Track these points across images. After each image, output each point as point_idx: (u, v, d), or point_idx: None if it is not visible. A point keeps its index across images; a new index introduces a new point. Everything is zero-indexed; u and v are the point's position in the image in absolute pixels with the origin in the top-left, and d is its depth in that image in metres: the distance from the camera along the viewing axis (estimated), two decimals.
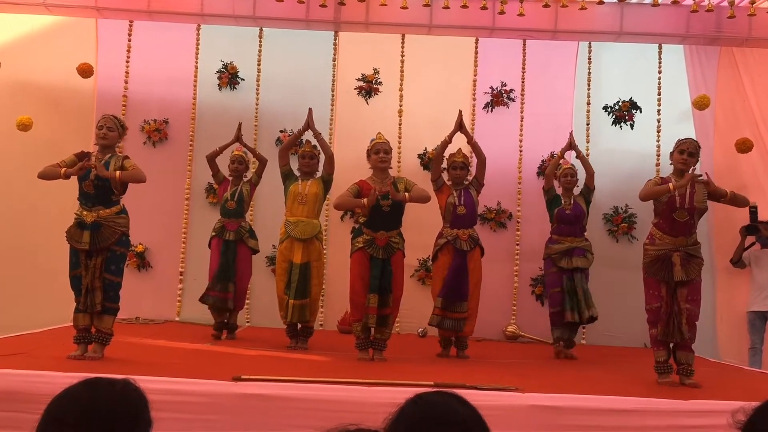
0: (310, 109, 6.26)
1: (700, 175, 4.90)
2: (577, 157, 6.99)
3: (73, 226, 4.84)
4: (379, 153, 5.67)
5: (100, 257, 4.77)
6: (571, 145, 6.97)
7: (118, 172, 4.82)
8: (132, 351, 5.29)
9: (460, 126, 6.33)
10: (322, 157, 6.28)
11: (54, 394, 1.62)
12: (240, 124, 6.91)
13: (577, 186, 6.88)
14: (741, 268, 7.37)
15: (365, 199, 5.41)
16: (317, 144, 6.30)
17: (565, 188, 6.79)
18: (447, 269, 6.08)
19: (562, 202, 6.69)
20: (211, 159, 6.80)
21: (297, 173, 6.31)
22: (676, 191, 4.80)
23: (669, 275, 4.81)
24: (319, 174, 6.35)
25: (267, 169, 6.79)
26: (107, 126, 4.97)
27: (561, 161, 6.97)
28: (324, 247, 6.67)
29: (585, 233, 6.82)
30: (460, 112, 6.42)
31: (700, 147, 5.03)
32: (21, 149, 7.79)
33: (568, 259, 6.57)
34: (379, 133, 5.88)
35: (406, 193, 5.51)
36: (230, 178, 6.81)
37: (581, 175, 6.88)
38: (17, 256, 7.82)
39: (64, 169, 4.80)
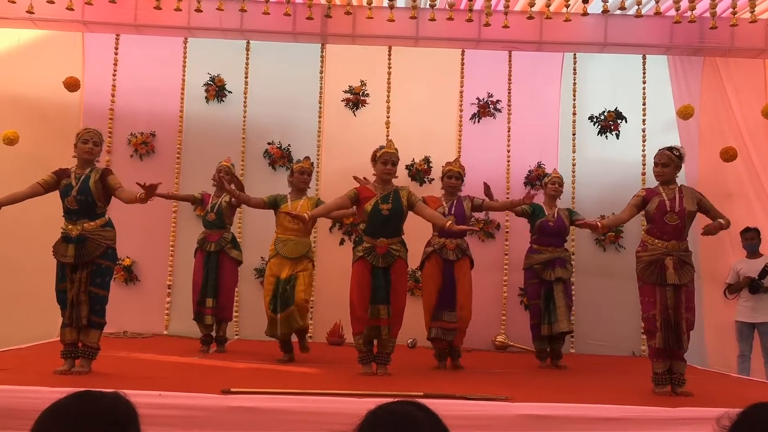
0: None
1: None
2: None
3: (59, 241, 4.79)
4: (387, 164, 5.35)
5: (86, 271, 4.71)
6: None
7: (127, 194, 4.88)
8: (120, 365, 5.27)
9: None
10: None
11: (41, 409, 1.60)
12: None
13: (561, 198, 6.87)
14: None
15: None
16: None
17: (550, 196, 6.67)
18: (433, 279, 6.00)
19: (546, 213, 6.63)
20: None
21: (287, 191, 6.26)
22: (666, 198, 4.94)
23: (663, 279, 4.84)
24: (310, 191, 6.32)
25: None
26: (93, 140, 4.91)
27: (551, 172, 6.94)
28: (313, 261, 6.64)
29: (565, 244, 6.80)
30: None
31: (675, 153, 5.05)
32: (6, 162, 7.74)
33: (551, 270, 6.48)
34: (390, 140, 5.59)
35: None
36: (213, 188, 6.77)
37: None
38: (2, 270, 7.75)
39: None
